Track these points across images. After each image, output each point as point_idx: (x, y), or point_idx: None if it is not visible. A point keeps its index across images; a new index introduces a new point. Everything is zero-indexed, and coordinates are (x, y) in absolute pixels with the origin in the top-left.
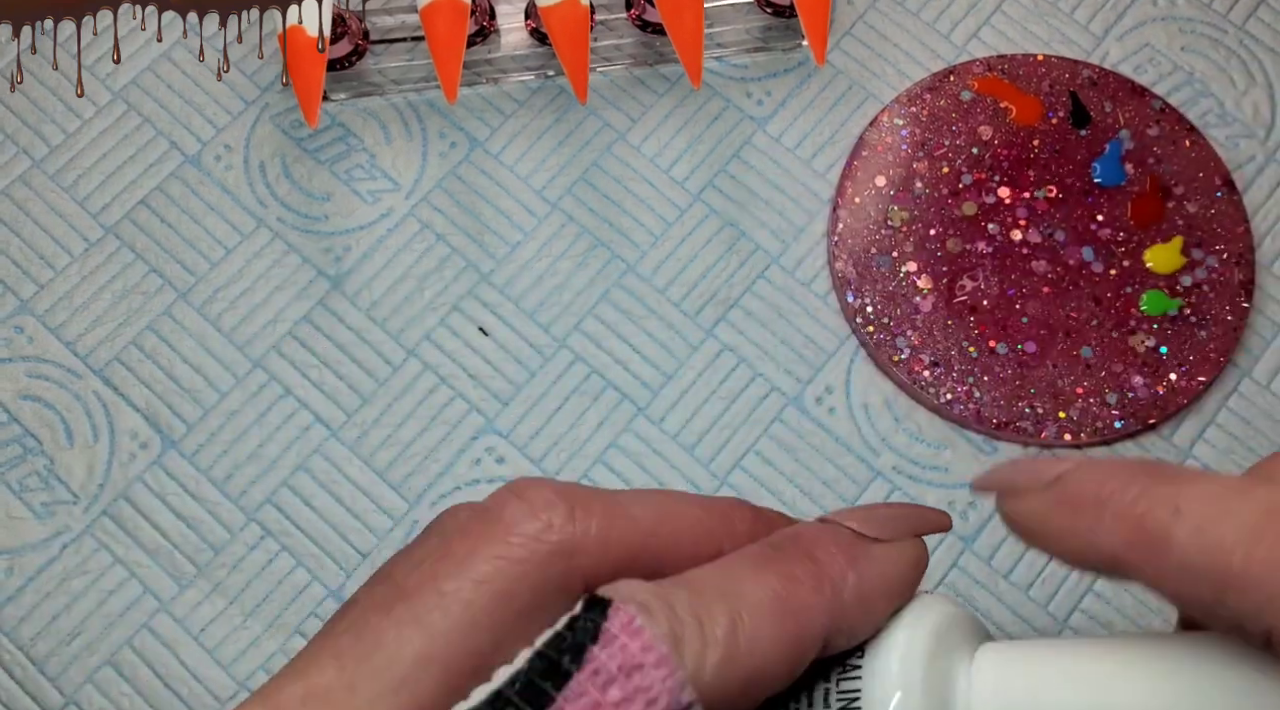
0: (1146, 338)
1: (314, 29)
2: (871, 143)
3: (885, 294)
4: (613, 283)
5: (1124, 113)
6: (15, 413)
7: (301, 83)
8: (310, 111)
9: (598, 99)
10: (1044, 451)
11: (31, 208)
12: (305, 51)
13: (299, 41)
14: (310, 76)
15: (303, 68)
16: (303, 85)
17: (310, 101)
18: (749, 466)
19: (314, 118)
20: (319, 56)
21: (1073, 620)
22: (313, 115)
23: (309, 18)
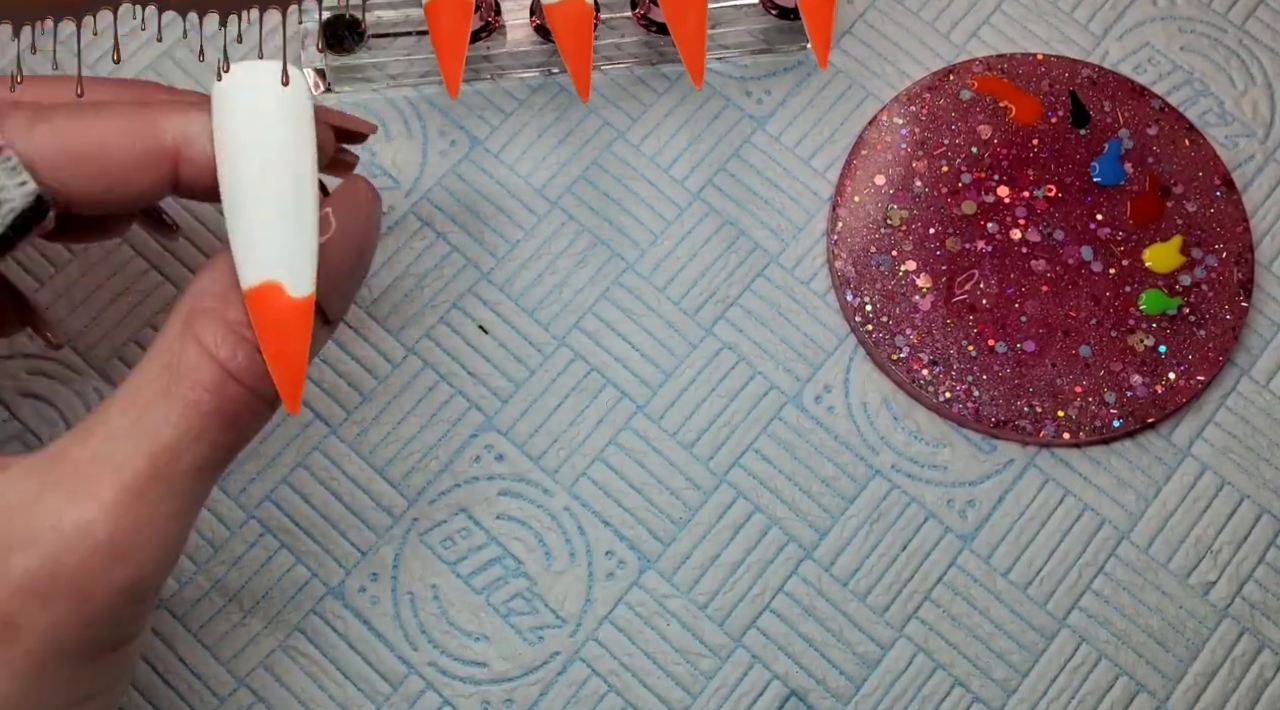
0: (1145, 337)
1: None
2: (871, 142)
3: (884, 293)
4: (612, 281)
5: (1123, 112)
6: (15, 409)
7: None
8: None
9: (598, 97)
10: (1043, 450)
11: None
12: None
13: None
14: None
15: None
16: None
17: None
18: (748, 464)
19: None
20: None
21: (1071, 619)
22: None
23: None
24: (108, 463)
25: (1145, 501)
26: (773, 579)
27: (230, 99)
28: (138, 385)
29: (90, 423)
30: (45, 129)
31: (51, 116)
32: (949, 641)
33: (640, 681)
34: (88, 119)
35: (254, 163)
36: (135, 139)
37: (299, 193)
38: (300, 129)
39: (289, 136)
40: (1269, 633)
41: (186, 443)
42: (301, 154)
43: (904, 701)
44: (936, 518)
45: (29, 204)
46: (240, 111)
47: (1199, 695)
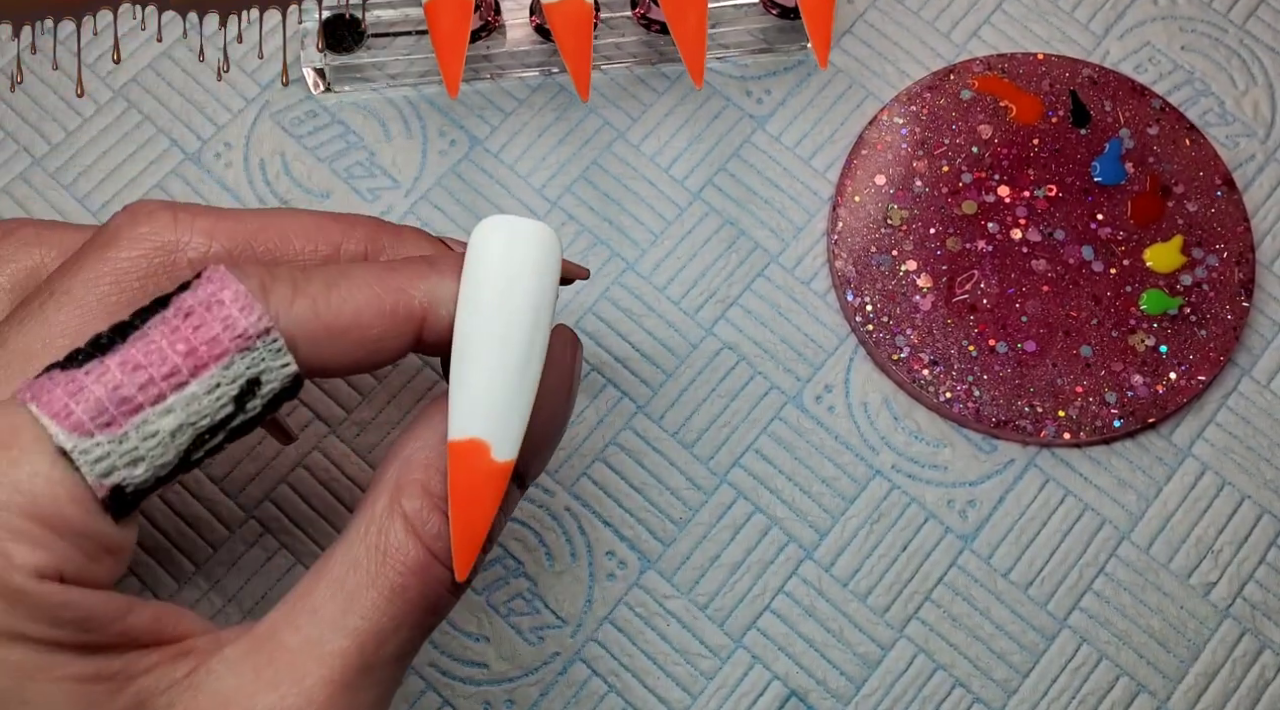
0: (1146, 337)
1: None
2: (871, 141)
3: (885, 292)
4: (612, 281)
5: (1124, 112)
6: None
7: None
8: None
9: (598, 97)
10: (1043, 451)
11: (32, 206)
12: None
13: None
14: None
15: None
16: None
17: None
18: (748, 464)
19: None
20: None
21: (1072, 619)
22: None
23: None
24: (317, 653)
25: (1146, 502)
26: (773, 579)
27: (488, 252)
28: (346, 564)
29: (299, 602)
30: (305, 304)
31: (308, 288)
32: (949, 642)
33: (640, 682)
34: (342, 289)
35: (497, 320)
36: (388, 309)
37: (529, 356)
38: (547, 294)
39: (536, 300)
40: (1270, 633)
41: (391, 630)
42: (542, 319)
43: (904, 702)
44: (937, 518)
45: (287, 384)
46: (495, 268)
47: (1200, 696)
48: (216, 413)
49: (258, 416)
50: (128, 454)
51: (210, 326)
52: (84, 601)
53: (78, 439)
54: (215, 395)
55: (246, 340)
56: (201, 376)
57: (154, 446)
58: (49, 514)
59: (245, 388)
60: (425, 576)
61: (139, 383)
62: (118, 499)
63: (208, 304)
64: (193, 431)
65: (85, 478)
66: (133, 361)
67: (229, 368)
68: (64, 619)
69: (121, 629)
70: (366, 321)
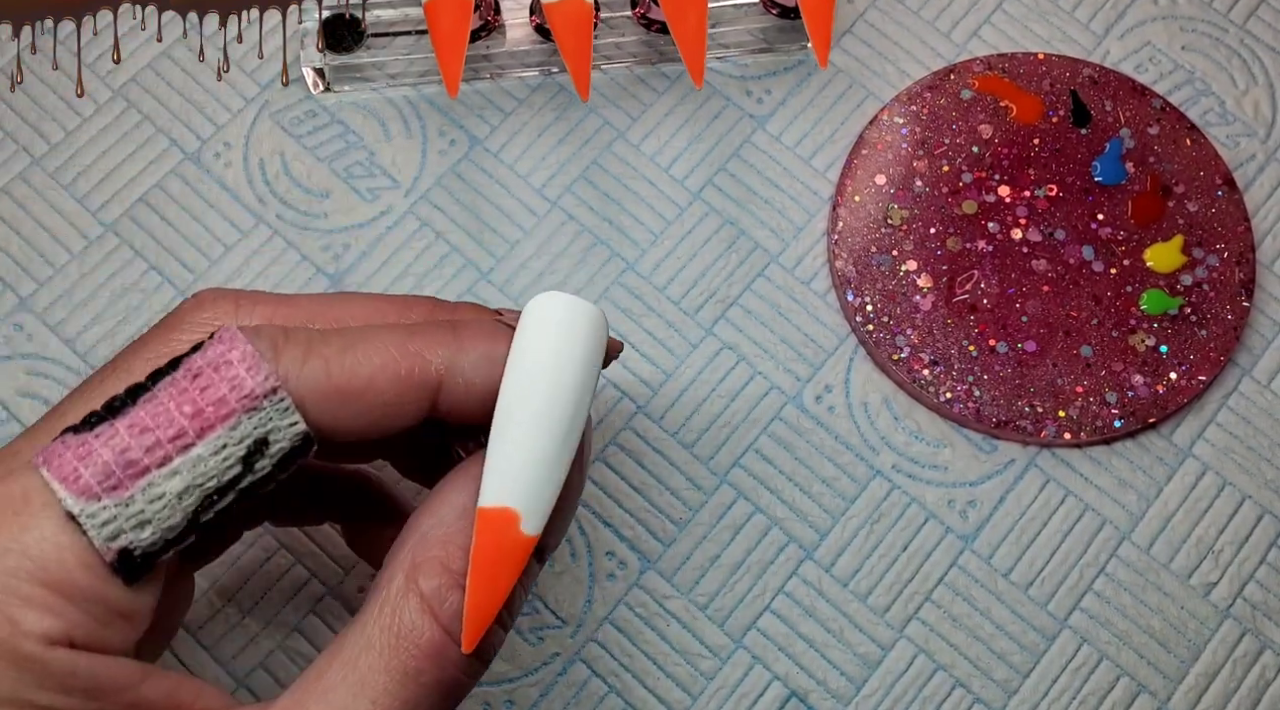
0: (1147, 337)
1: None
2: (871, 141)
3: (885, 292)
4: (612, 281)
5: (1124, 111)
6: (15, 410)
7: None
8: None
9: (598, 97)
10: (1044, 451)
11: (31, 205)
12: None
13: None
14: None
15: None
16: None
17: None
18: (748, 464)
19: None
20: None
21: (1072, 620)
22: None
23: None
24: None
25: (1146, 502)
26: (773, 579)
27: (541, 328)
28: (360, 646)
29: (311, 685)
30: (318, 364)
31: (322, 350)
32: (950, 642)
33: (640, 682)
34: (358, 351)
35: (545, 395)
36: (403, 373)
37: (570, 432)
38: (593, 373)
39: (583, 379)
40: (1270, 633)
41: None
42: (585, 398)
43: (905, 702)
44: (937, 518)
45: (297, 444)
46: (548, 344)
47: (1200, 696)
48: (224, 474)
49: (268, 476)
50: (134, 517)
51: (217, 387)
52: (94, 668)
53: (85, 503)
54: (222, 456)
55: (253, 400)
56: (207, 438)
57: (160, 509)
58: (58, 579)
59: (253, 448)
60: (441, 659)
61: (145, 445)
62: (126, 562)
63: (216, 365)
64: (200, 493)
65: (93, 542)
66: (140, 424)
67: (235, 428)
68: (73, 686)
69: (133, 699)
70: (380, 385)
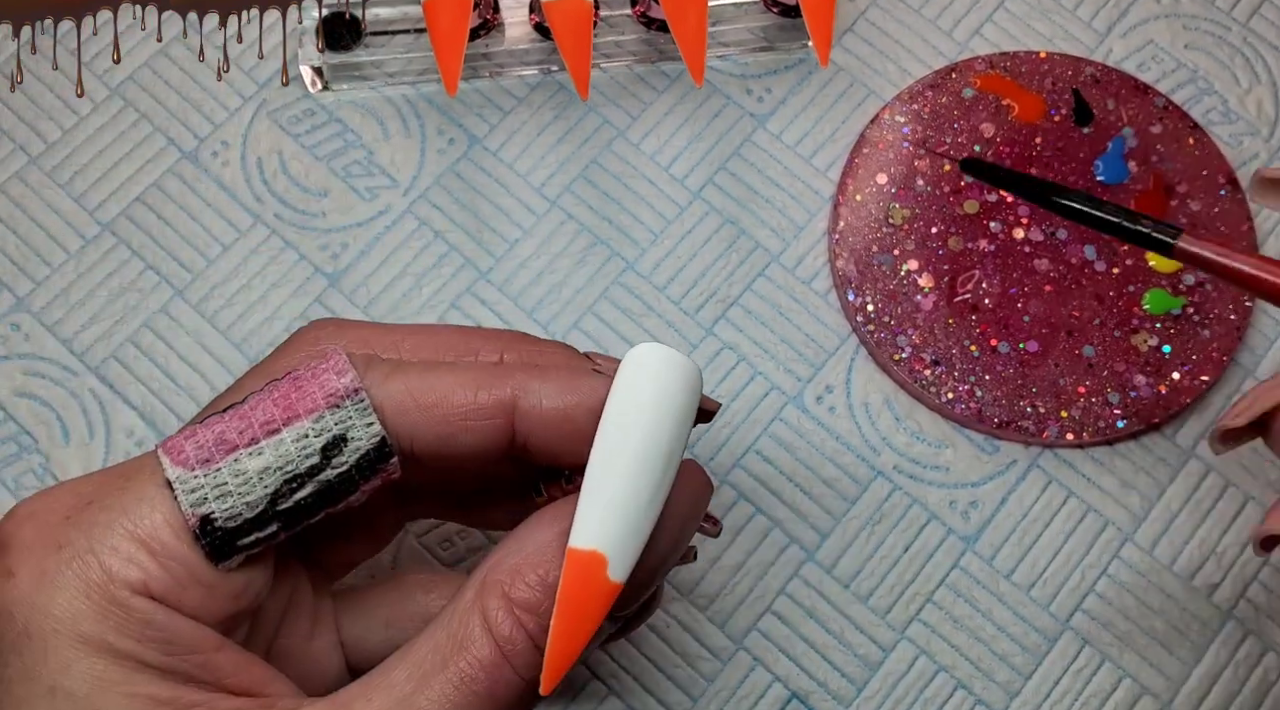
0: (1149, 336)
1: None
2: (873, 140)
3: (886, 292)
4: (612, 280)
5: (1127, 110)
6: (11, 410)
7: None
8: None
9: (597, 96)
10: (1046, 451)
11: (28, 204)
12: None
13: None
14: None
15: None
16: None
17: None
18: (749, 465)
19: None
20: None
21: (1074, 621)
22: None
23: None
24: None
25: (1149, 503)
26: (774, 581)
27: (642, 377)
28: (428, 646)
29: (379, 677)
30: (399, 380)
31: (407, 370)
32: (951, 644)
33: (640, 684)
34: (439, 372)
35: (642, 442)
36: (478, 391)
37: (662, 484)
38: (687, 426)
39: (678, 432)
40: (1273, 635)
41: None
42: (678, 449)
43: (906, 704)
44: (939, 519)
45: (374, 446)
46: (648, 393)
47: (1203, 698)
48: (303, 461)
49: (347, 475)
50: (218, 488)
51: (309, 387)
52: (170, 623)
53: (181, 472)
54: (302, 444)
55: (336, 398)
56: (292, 426)
57: (241, 483)
58: (147, 535)
59: (331, 442)
60: (494, 674)
61: (239, 429)
62: (208, 531)
63: (314, 370)
64: (280, 475)
65: (181, 506)
66: (241, 414)
67: (318, 421)
68: (149, 636)
69: (205, 662)
70: (454, 401)
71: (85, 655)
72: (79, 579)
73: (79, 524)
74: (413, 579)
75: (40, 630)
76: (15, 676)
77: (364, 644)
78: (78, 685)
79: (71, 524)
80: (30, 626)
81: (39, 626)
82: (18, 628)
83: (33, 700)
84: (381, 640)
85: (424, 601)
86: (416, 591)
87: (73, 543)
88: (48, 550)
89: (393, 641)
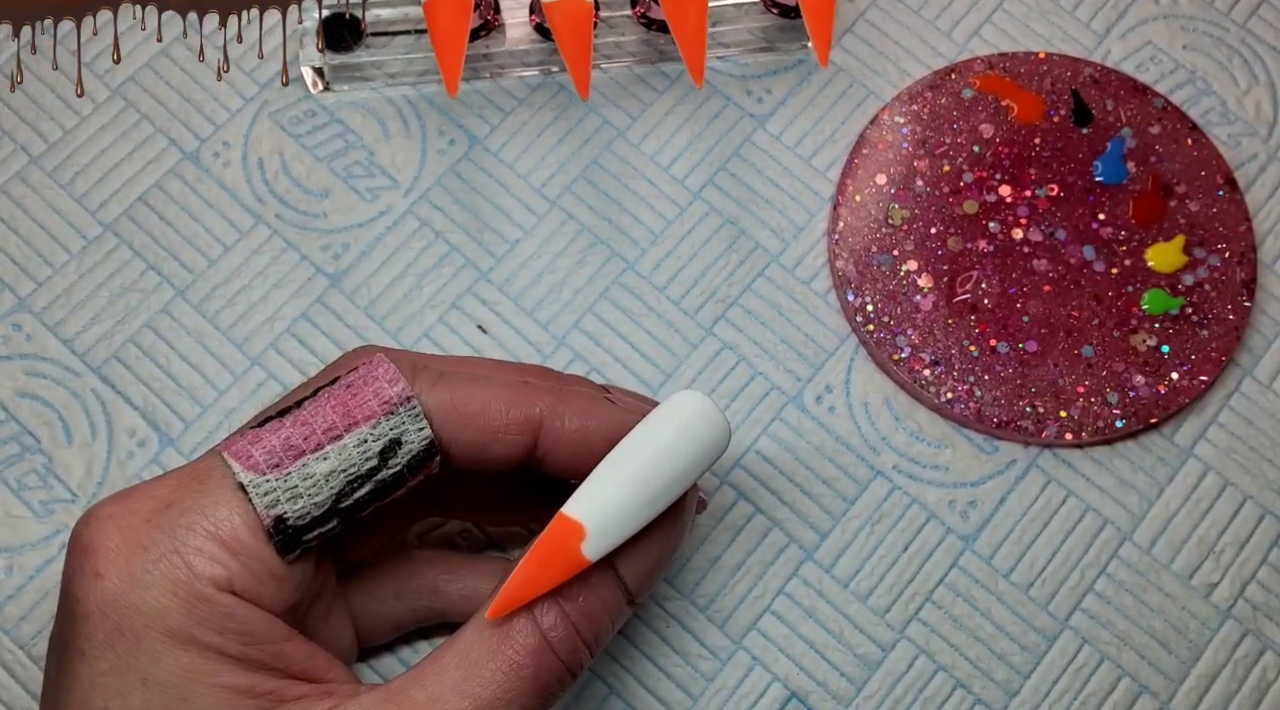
0: (1148, 337)
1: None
2: (872, 141)
3: (886, 292)
4: (612, 281)
5: (1126, 111)
6: (13, 410)
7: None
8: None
9: (598, 96)
10: (1045, 451)
11: (29, 205)
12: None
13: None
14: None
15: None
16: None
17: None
18: (748, 465)
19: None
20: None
21: (1073, 620)
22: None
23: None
24: (438, 708)
25: (1148, 502)
26: (773, 580)
27: (680, 410)
28: (473, 639)
29: (429, 665)
30: (444, 389)
31: (450, 381)
32: (950, 643)
33: (640, 683)
34: (478, 386)
35: (648, 457)
36: (512, 407)
37: (655, 498)
38: (698, 469)
39: (691, 465)
40: (1272, 634)
41: (504, 703)
42: (686, 481)
43: (905, 703)
44: (938, 519)
45: (424, 448)
46: (679, 422)
47: (1201, 697)
48: (363, 464)
49: (399, 474)
50: (290, 491)
51: (364, 395)
52: (249, 616)
53: (253, 476)
54: (363, 449)
55: (391, 406)
56: (353, 432)
57: (310, 486)
58: (226, 535)
59: (388, 445)
60: (539, 661)
61: (304, 435)
62: (280, 529)
63: (365, 379)
64: (343, 478)
65: (255, 508)
66: (302, 420)
67: (375, 427)
68: (230, 629)
69: (278, 651)
70: (492, 413)
71: (173, 648)
72: (166, 578)
73: (161, 526)
74: (420, 555)
75: (132, 627)
76: (109, 670)
77: (373, 616)
78: (168, 676)
79: (154, 526)
80: (122, 624)
81: (130, 623)
82: (110, 625)
83: (126, 692)
84: (391, 612)
85: (431, 576)
86: (424, 567)
87: (157, 544)
88: (134, 551)
89: (401, 613)
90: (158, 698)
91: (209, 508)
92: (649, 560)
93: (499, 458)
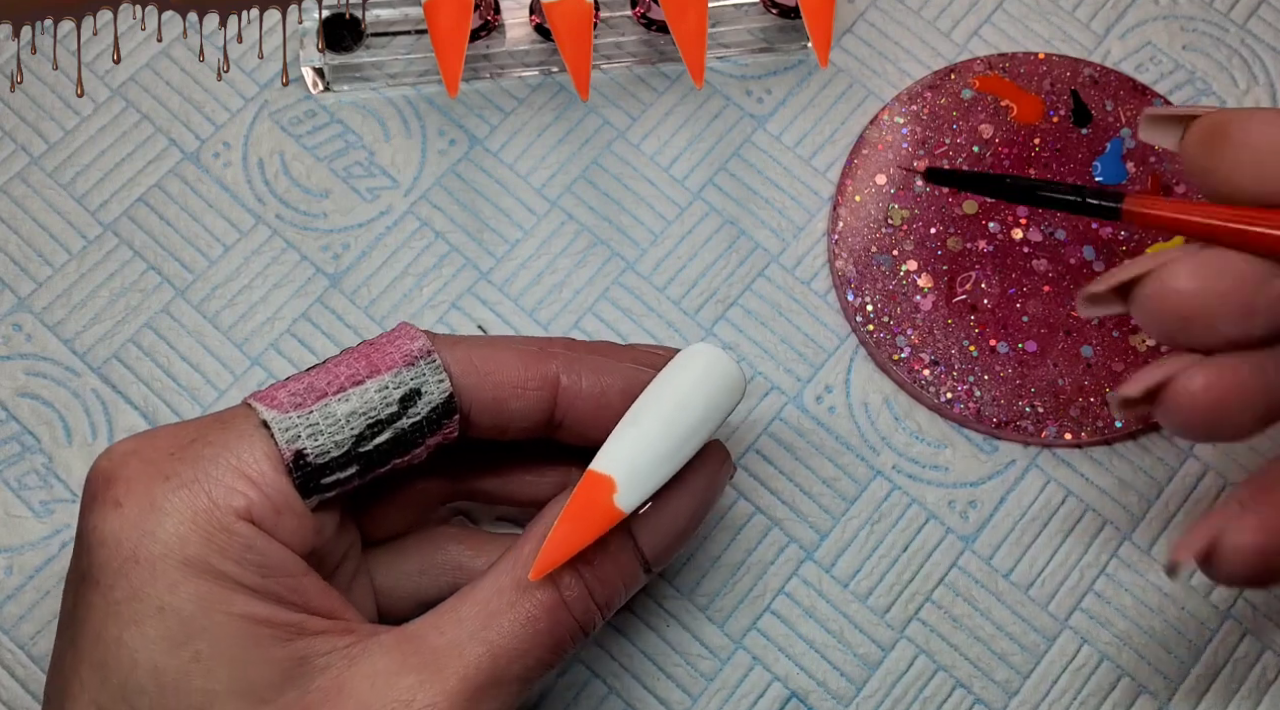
0: (1148, 337)
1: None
2: (872, 141)
3: (885, 292)
4: (612, 281)
5: (1125, 111)
6: (14, 410)
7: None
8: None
9: (598, 96)
10: (1044, 451)
11: (29, 205)
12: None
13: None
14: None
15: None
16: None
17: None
18: (748, 465)
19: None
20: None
21: (1073, 620)
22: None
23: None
24: (456, 653)
25: (1147, 502)
26: (773, 580)
27: (694, 360)
28: (492, 590)
29: (447, 613)
30: (463, 349)
31: (470, 343)
32: (950, 643)
33: (640, 683)
34: (495, 348)
35: (669, 407)
36: (528, 365)
37: (684, 444)
38: (719, 413)
39: (711, 411)
40: (1271, 635)
41: (519, 653)
42: (704, 428)
43: (905, 703)
44: (938, 519)
45: (443, 400)
46: (696, 370)
47: (1201, 697)
48: (384, 409)
49: (418, 425)
50: (310, 427)
51: (386, 349)
52: (268, 548)
53: (275, 414)
54: (383, 394)
55: (412, 358)
56: (375, 378)
57: (330, 424)
58: (246, 466)
59: (409, 394)
60: (554, 616)
61: (327, 380)
62: (300, 465)
63: (389, 337)
64: (364, 420)
65: (277, 443)
66: (328, 369)
67: (397, 375)
68: (249, 559)
69: (296, 586)
70: (509, 370)
71: (191, 576)
72: (186, 506)
73: (184, 458)
74: (444, 531)
75: (149, 554)
76: (123, 598)
77: (396, 591)
78: (184, 604)
79: (177, 459)
80: (139, 551)
81: (147, 551)
82: (125, 553)
83: (141, 620)
84: (414, 587)
85: (455, 552)
86: (449, 543)
87: (179, 474)
88: (154, 481)
89: (425, 588)
90: (174, 626)
91: (232, 442)
92: (670, 527)
93: (519, 415)
